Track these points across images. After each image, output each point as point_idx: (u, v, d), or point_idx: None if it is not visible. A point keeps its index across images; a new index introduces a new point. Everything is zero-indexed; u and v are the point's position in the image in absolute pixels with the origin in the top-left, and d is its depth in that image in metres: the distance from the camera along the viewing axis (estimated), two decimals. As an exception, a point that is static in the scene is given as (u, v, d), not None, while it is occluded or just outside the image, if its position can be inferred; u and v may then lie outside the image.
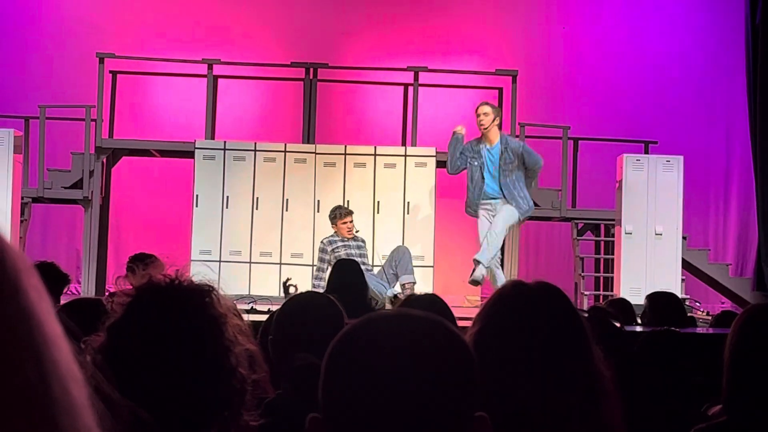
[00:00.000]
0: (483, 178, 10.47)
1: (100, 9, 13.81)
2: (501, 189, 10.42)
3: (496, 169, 10.42)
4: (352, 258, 9.65)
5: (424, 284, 11.15)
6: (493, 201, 10.45)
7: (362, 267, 10.43)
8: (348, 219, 10.74)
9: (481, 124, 10.52)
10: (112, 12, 13.81)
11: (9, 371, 0.61)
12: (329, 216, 10.83)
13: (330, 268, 10.29)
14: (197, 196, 11.80)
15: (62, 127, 12.58)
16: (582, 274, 12.50)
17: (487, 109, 10.54)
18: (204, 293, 2.02)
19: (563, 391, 2.00)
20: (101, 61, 12.30)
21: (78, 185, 12.03)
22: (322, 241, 10.84)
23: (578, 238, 12.64)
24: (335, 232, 10.75)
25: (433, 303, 3.84)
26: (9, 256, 0.65)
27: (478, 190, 10.50)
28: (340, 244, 10.70)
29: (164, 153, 12.62)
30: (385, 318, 1.41)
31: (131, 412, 1.72)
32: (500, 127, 10.62)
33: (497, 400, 1.91)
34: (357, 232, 10.91)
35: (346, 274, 8.26)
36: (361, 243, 10.87)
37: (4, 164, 11.28)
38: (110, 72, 12.67)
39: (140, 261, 7.40)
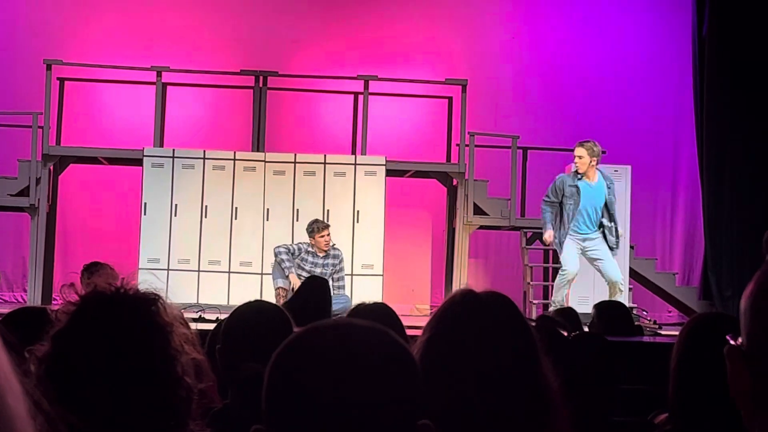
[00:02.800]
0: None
1: (47, 15, 13.68)
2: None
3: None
4: (322, 276, 9.65)
5: (373, 293, 11.15)
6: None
7: (334, 283, 10.50)
8: (325, 233, 10.76)
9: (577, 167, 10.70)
10: (60, 18, 13.69)
11: None
12: (307, 229, 10.87)
13: (294, 276, 10.32)
14: (145, 204, 11.72)
15: (8, 134, 12.45)
16: (530, 282, 12.56)
17: (581, 151, 10.66)
18: (150, 302, 2.00)
19: (511, 400, 2.00)
20: (48, 67, 12.18)
21: (24, 193, 11.91)
22: (292, 245, 10.85)
23: (527, 246, 12.70)
24: (311, 243, 10.78)
25: (381, 312, 3.83)
26: None
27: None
28: (307, 257, 10.71)
29: (112, 161, 12.52)
30: (328, 327, 1.41)
31: (70, 425, 1.70)
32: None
33: (445, 409, 1.91)
34: (333, 245, 10.92)
35: (313, 293, 8.24)
36: (335, 256, 10.86)
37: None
38: (58, 79, 12.56)
39: (87, 270, 7.34)
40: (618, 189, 11.77)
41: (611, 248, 10.66)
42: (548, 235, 10.67)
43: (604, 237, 10.66)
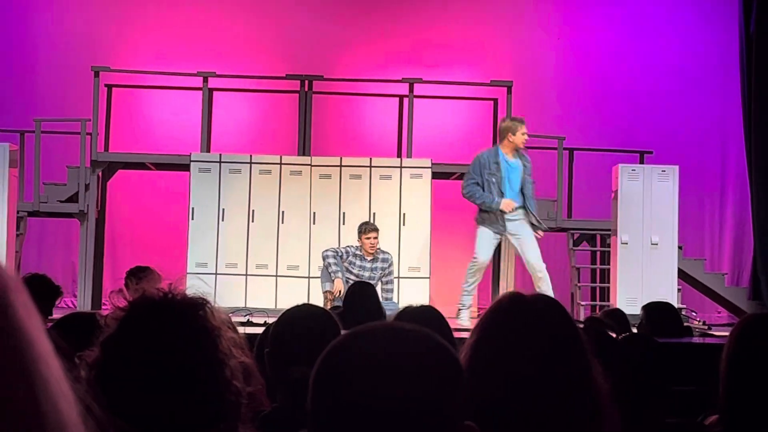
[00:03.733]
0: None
1: (95, 22, 13.81)
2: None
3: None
4: (369, 282, 9.63)
5: (420, 296, 11.14)
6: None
7: (382, 286, 10.51)
8: (371, 235, 10.74)
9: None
10: (108, 25, 13.82)
11: None
12: (357, 228, 10.89)
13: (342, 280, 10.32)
14: (193, 209, 11.79)
15: (58, 140, 12.57)
16: (578, 284, 12.49)
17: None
18: (198, 306, 2.02)
19: (560, 404, 2.00)
20: (96, 74, 12.29)
21: (74, 199, 12.01)
22: (340, 248, 10.85)
23: (574, 248, 12.64)
24: (359, 246, 10.79)
25: (428, 315, 3.83)
26: None
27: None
28: (355, 260, 10.70)
29: (160, 166, 12.61)
30: (373, 331, 1.41)
31: (120, 430, 1.71)
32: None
33: (493, 412, 1.90)
34: (381, 249, 10.89)
35: (362, 300, 8.23)
36: (384, 260, 10.84)
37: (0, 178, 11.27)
38: (105, 85, 12.66)
39: (135, 275, 7.39)
40: (665, 189, 11.70)
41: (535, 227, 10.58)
42: (505, 204, 10.57)
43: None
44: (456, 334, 3.91)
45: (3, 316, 0.63)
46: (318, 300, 10.46)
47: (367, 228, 10.82)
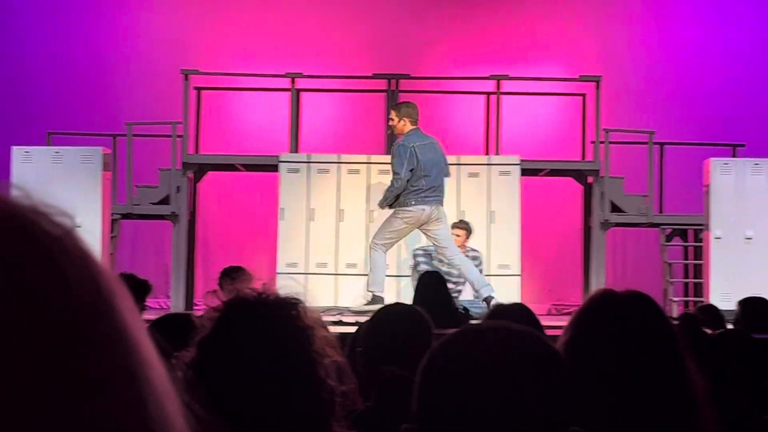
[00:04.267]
0: None
1: (184, 26, 13.99)
2: None
3: None
4: (436, 271, 9.63)
5: (510, 293, 11.09)
6: None
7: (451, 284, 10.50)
8: (458, 231, 10.75)
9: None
10: (197, 29, 13.99)
11: (106, 391, 0.62)
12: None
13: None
14: (282, 209, 11.87)
15: (149, 143, 12.75)
16: (670, 280, 12.33)
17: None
18: (291, 306, 2.03)
19: (656, 401, 1.97)
20: (186, 77, 12.45)
21: (166, 201, 12.18)
22: (430, 246, 10.87)
23: (666, 243, 12.48)
24: None
25: (520, 313, 3.81)
26: (103, 278, 0.65)
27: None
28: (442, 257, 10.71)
29: (249, 167, 12.72)
30: (480, 331, 1.41)
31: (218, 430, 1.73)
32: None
33: (588, 412, 1.89)
34: (470, 248, 10.87)
35: (429, 288, 8.23)
36: (474, 258, 10.82)
37: (93, 182, 11.48)
38: (195, 88, 12.82)
39: (228, 275, 7.47)
40: (758, 183, 11.51)
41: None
42: None
43: None
44: (547, 332, 3.89)
45: (110, 321, 0.64)
46: (409, 298, 10.46)
47: (455, 224, 10.83)
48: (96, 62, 14.01)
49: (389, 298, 9.84)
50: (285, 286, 2.11)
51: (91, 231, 11.22)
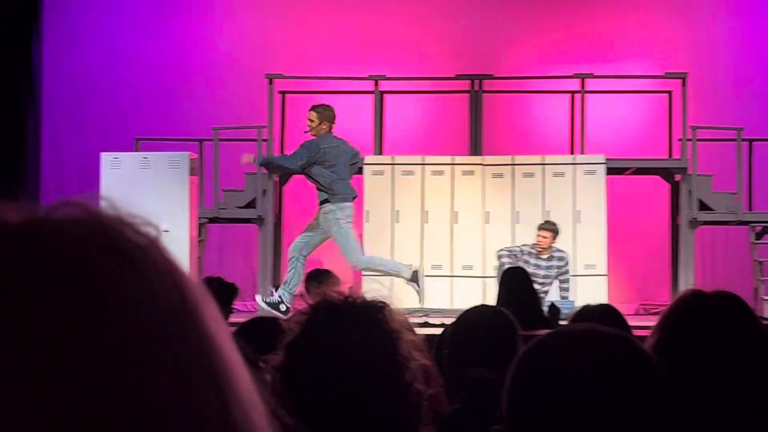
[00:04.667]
0: None
1: (268, 30, 14.10)
2: None
3: None
4: (518, 266, 9.59)
5: (597, 293, 10.99)
6: None
7: (560, 285, 10.44)
8: (544, 233, 10.70)
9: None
10: (280, 33, 14.08)
11: (192, 399, 0.63)
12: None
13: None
14: (367, 211, 11.91)
15: (235, 147, 12.86)
16: (761, 278, 12.13)
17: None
18: (377, 309, 2.04)
19: (747, 404, 1.95)
20: (270, 81, 12.55)
21: (252, 204, 12.29)
22: (515, 247, 10.85)
23: (756, 242, 12.27)
24: (533, 244, 10.77)
25: (607, 314, 3.78)
26: (189, 287, 0.67)
27: None
28: (529, 259, 10.66)
29: (334, 170, 12.76)
30: (569, 333, 1.41)
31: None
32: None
33: (678, 414, 1.87)
34: (556, 248, 10.82)
35: (513, 285, 8.19)
36: (560, 258, 10.76)
37: (180, 186, 11.62)
38: (279, 92, 12.92)
39: (315, 279, 7.51)
40: None
41: None
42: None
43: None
44: (636, 332, 3.85)
45: (195, 329, 0.65)
46: (493, 300, 10.42)
47: (541, 225, 10.79)
48: (183, 68, 14.18)
49: (475, 299, 9.80)
50: (371, 290, 2.12)
51: (178, 235, 11.37)
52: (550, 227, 10.84)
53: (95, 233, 0.65)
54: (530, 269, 10.54)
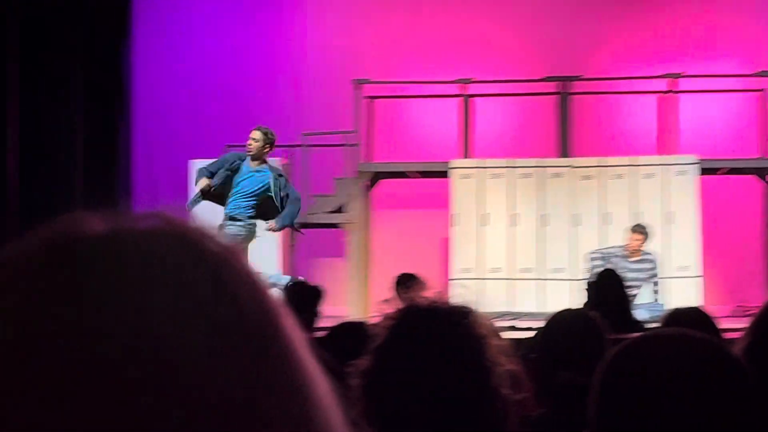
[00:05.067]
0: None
1: (355, 35, 14.16)
2: None
3: None
4: (609, 269, 9.50)
5: (690, 295, 10.85)
6: None
7: (653, 287, 10.33)
8: (635, 236, 10.60)
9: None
10: (367, 38, 14.13)
11: (275, 411, 0.64)
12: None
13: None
14: (455, 214, 11.90)
15: (324, 153, 12.95)
16: None
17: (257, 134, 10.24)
18: (464, 314, 2.04)
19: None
20: (357, 86, 12.61)
21: (341, 209, 12.36)
22: (605, 250, 10.77)
23: None
24: (623, 246, 10.68)
25: (696, 318, 3.73)
26: (269, 299, 0.67)
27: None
28: (618, 261, 10.57)
29: (421, 174, 12.81)
30: (658, 338, 1.40)
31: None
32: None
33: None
34: (641, 251, 10.71)
35: (606, 287, 8.11)
36: (650, 261, 10.65)
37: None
38: (367, 97, 12.98)
39: (403, 284, 7.52)
40: None
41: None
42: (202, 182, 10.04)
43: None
44: (729, 335, 3.80)
45: (277, 339, 0.66)
46: (582, 302, 10.33)
47: (633, 227, 10.69)
48: (271, 74, 14.30)
49: (565, 302, 9.72)
50: (458, 294, 2.12)
51: (269, 240, 11.47)
52: (641, 230, 10.73)
53: (179, 244, 0.66)
54: (620, 271, 10.44)
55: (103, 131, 13.30)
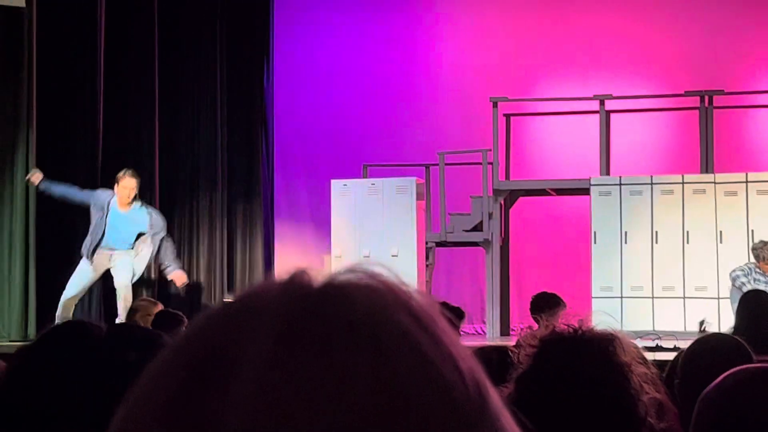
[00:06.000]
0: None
1: (491, 53, 14.13)
2: None
3: None
4: (760, 289, 9.29)
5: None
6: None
7: None
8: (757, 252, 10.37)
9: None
10: (503, 55, 14.10)
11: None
12: (753, 251, 10.49)
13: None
14: (595, 232, 11.78)
15: (461, 172, 12.96)
16: None
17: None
18: (607, 342, 2.03)
19: None
20: (495, 105, 12.60)
21: (478, 228, 12.34)
22: (746, 265, 10.51)
23: None
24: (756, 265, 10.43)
25: None
26: (473, 358, 0.68)
27: None
28: (760, 277, 10.32)
29: (560, 191, 12.71)
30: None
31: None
32: None
33: None
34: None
35: (756, 307, 7.92)
36: None
37: (408, 211, 11.80)
38: (504, 115, 12.95)
39: (541, 304, 7.47)
40: None
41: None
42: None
43: None
44: None
45: (485, 408, 0.66)
46: (727, 321, 10.10)
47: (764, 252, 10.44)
48: (408, 94, 14.37)
49: (709, 321, 9.51)
50: (602, 322, 2.11)
51: (406, 259, 11.54)
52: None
53: (391, 294, 0.67)
54: (761, 288, 10.20)
55: (245, 152, 13.56)
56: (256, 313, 0.66)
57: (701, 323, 9.22)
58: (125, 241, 10.60)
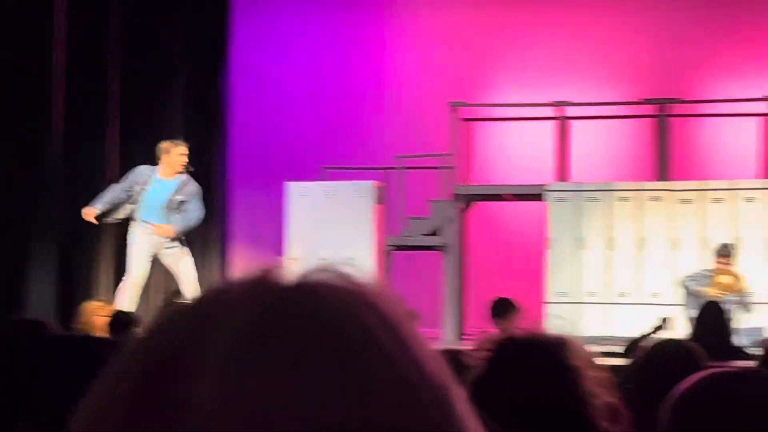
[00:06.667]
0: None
1: (451, 58, 14.15)
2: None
3: None
4: (716, 300, 9.37)
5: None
6: None
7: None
8: (722, 259, 10.48)
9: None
10: (463, 61, 14.12)
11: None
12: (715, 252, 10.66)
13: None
14: (551, 238, 11.82)
15: (419, 176, 12.97)
16: None
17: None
18: (560, 346, 2.03)
19: None
20: (454, 109, 12.62)
21: (437, 232, 12.35)
22: (696, 273, 10.64)
23: None
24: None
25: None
26: (444, 364, 0.69)
27: None
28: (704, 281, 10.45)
29: (517, 197, 12.75)
30: (735, 377, 1.38)
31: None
32: None
33: None
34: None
35: (717, 318, 8.01)
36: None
37: (365, 215, 11.79)
38: (462, 119, 12.97)
39: (498, 309, 7.49)
40: None
41: None
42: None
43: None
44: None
45: (449, 404, 0.67)
46: (682, 328, 10.18)
47: (718, 251, 10.57)
48: (367, 97, 14.37)
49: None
50: (555, 326, 2.11)
51: (364, 263, 11.52)
52: (726, 252, 10.58)
53: (360, 296, 0.68)
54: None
55: (201, 155, 13.48)
56: (224, 310, 0.65)
57: (663, 320, 9.31)
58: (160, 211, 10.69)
